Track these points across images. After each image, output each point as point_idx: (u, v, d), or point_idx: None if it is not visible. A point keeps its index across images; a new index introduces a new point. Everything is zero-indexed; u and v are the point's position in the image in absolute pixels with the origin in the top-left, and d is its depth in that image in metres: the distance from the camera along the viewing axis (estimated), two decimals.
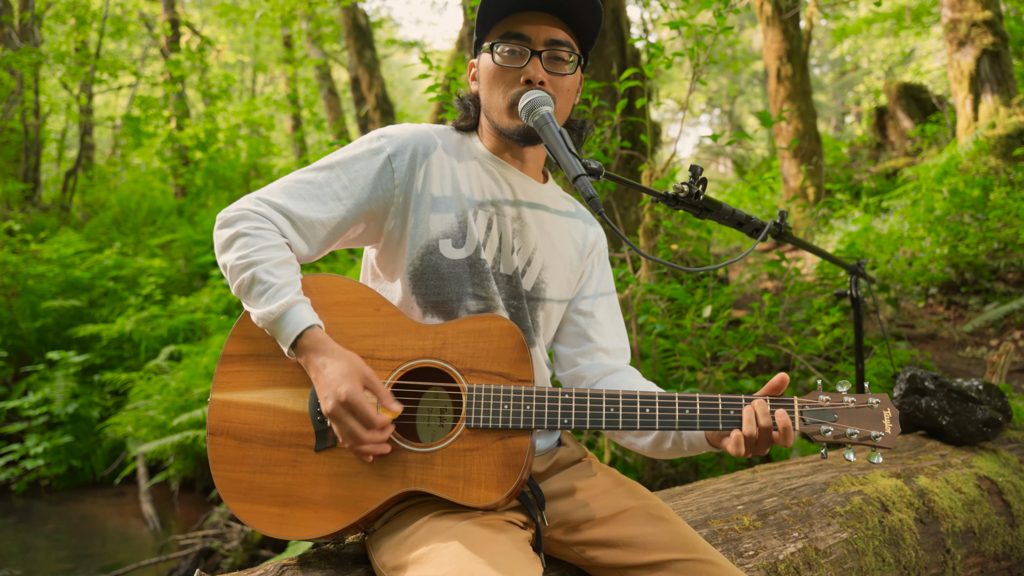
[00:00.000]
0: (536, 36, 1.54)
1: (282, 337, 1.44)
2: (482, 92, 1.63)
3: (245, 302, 1.48)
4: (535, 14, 1.54)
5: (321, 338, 1.43)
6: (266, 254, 1.47)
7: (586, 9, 1.54)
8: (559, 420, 1.41)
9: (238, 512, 1.44)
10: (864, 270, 2.79)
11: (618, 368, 1.70)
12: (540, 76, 1.53)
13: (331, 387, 1.37)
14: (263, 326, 1.45)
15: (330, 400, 1.36)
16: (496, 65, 1.56)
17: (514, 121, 1.56)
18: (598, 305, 1.76)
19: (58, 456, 6.80)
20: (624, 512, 1.49)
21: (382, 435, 1.38)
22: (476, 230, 1.57)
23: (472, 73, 1.70)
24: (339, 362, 1.40)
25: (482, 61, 1.61)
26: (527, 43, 1.54)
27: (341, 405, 1.35)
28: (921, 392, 2.80)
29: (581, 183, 1.34)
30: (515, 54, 1.54)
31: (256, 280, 1.45)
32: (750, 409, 1.38)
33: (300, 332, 1.42)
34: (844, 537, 1.99)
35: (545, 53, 1.54)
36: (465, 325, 1.49)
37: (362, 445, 1.37)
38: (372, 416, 1.36)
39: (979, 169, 7.53)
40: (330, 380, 1.37)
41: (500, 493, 1.36)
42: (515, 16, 1.55)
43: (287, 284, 1.45)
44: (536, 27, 1.54)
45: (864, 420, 1.39)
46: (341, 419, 1.36)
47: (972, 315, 6.05)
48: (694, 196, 1.62)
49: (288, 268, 1.48)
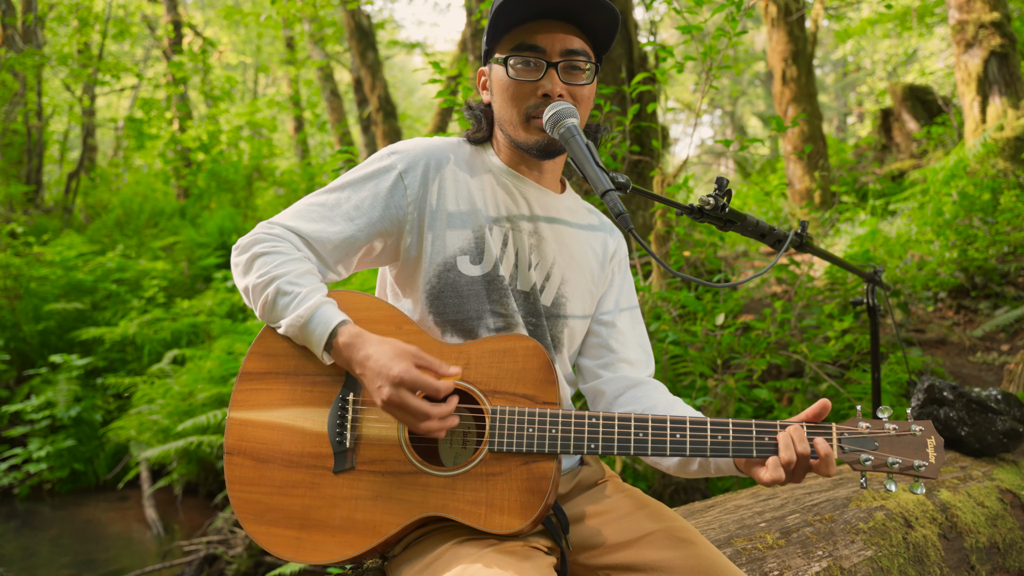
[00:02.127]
0: (551, 47, 1.48)
1: (314, 340, 1.40)
2: (496, 105, 1.57)
3: (272, 319, 1.45)
4: (549, 22, 1.48)
5: (356, 332, 1.39)
6: (287, 267, 1.44)
7: (602, 16, 1.48)
8: (585, 445, 1.36)
9: (254, 535, 1.39)
10: (880, 278, 2.75)
11: (642, 381, 1.66)
12: (558, 89, 1.49)
13: (383, 373, 1.31)
14: (292, 335, 1.42)
15: (385, 387, 1.30)
16: (510, 79, 1.50)
17: (532, 135, 1.52)
18: (620, 315, 1.72)
19: (61, 460, 6.76)
20: (649, 535, 1.44)
21: (448, 407, 1.32)
22: (493, 246, 1.53)
23: (482, 82, 1.64)
24: (383, 347, 1.35)
25: (494, 73, 1.56)
26: (542, 55, 1.48)
27: (397, 387, 1.29)
28: (940, 402, 2.75)
29: (610, 198, 1.29)
30: (530, 66, 1.49)
31: (280, 292, 1.42)
32: (787, 435, 1.33)
33: (332, 330, 1.38)
34: (868, 555, 1.95)
35: (561, 64, 1.49)
36: (489, 345, 1.44)
37: (429, 421, 1.30)
38: (436, 385, 1.30)
39: (987, 172, 7.48)
40: (379, 367, 1.32)
41: (524, 520, 1.32)
42: (528, 26, 1.49)
43: (313, 290, 1.42)
44: (551, 36, 1.48)
45: (906, 449, 1.33)
46: (401, 401, 1.29)
47: (982, 320, 6.00)
48: (720, 209, 1.58)
49: (311, 277, 1.46)
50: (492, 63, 1.57)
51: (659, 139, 3.95)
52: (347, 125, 15.77)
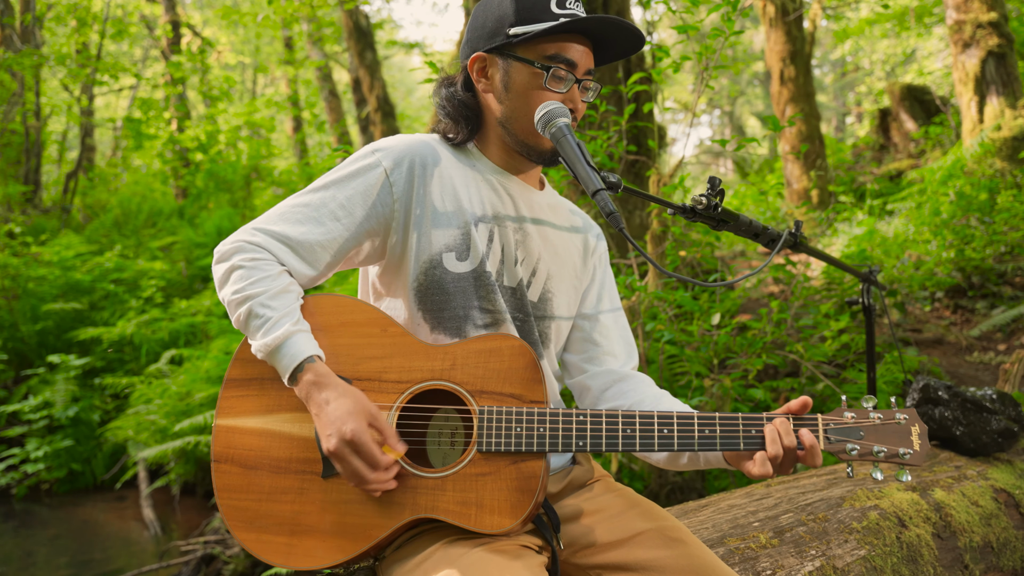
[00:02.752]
0: (581, 64, 1.51)
1: (280, 369, 1.40)
2: (510, 104, 1.53)
3: (246, 335, 1.45)
4: (580, 38, 1.52)
5: (322, 372, 1.39)
6: (262, 286, 1.42)
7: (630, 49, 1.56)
8: (574, 443, 1.36)
9: (244, 542, 1.39)
10: (876, 278, 2.75)
11: (627, 375, 1.67)
12: (580, 107, 1.54)
13: (335, 425, 1.32)
14: (262, 358, 1.41)
15: (334, 439, 1.31)
16: (540, 86, 1.50)
17: (547, 143, 1.53)
18: (603, 309, 1.73)
19: (58, 460, 6.76)
20: (640, 535, 1.44)
21: (387, 475, 1.34)
22: (479, 242, 1.53)
23: (478, 68, 1.56)
24: (344, 399, 1.35)
25: (515, 71, 1.51)
26: (573, 70, 1.51)
27: (346, 444, 1.31)
28: (935, 402, 2.75)
29: (600, 198, 1.29)
30: (561, 80, 1.50)
31: (252, 314, 1.41)
32: (772, 428, 1.34)
33: (298, 364, 1.38)
34: (862, 554, 1.95)
35: (583, 82, 1.53)
36: (475, 345, 1.44)
37: (367, 485, 1.33)
38: (378, 457, 1.32)
39: (985, 172, 7.48)
40: (334, 418, 1.33)
41: (514, 519, 1.32)
42: (565, 37, 1.50)
43: (284, 315, 1.41)
44: (583, 54, 1.52)
45: (891, 437, 1.34)
46: (345, 458, 1.32)
47: (979, 319, 6.00)
48: (712, 208, 1.58)
49: (286, 297, 1.44)
50: (512, 59, 1.52)
51: (655, 139, 3.95)
52: (345, 125, 15.77)
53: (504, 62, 1.53)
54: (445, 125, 1.62)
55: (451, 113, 1.59)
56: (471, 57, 1.57)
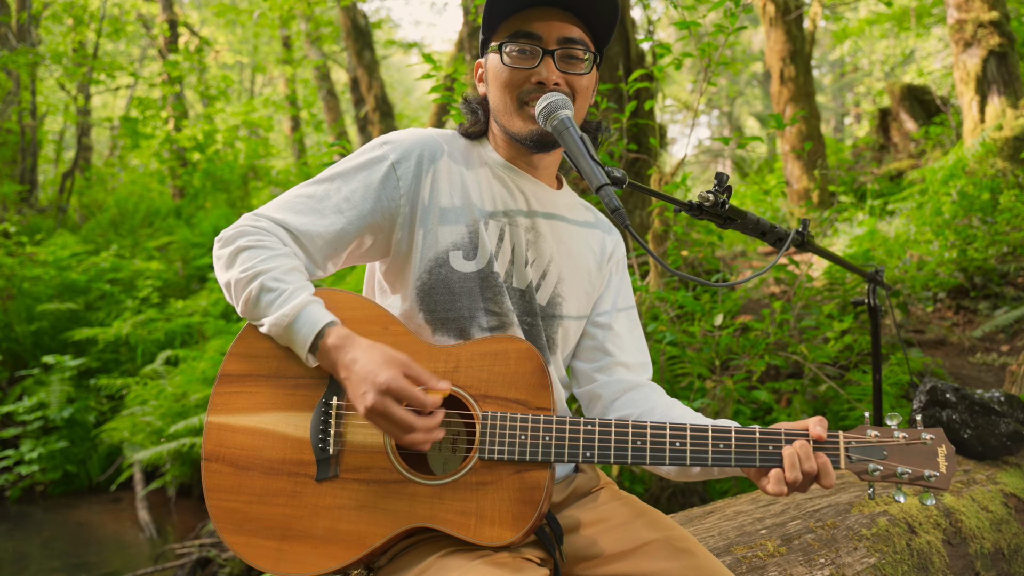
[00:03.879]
0: (548, 34, 1.43)
1: (299, 341, 1.33)
2: (491, 95, 1.52)
3: (254, 316, 1.39)
4: (547, 10, 1.44)
5: (344, 334, 1.32)
6: (272, 263, 1.37)
7: (602, 5, 1.44)
8: (580, 453, 1.30)
9: (233, 545, 1.33)
10: (882, 278, 2.70)
11: (639, 384, 1.60)
12: (554, 77, 1.44)
13: (368, 379, 1.24)
14: (276, 335, 1.35)
15: (370, 394, 1.23)
16: (505, 66, 1.45)
17: (527, 125, 1.46)
18: (617, 317, 1.66)
19: (53, 461, 6.71)
20: (646, 545, 1.38)
21: (434, 420, 1.26)
22: (488, 241, 1.47)
23: (479, 74, 1.59)
24: (372, 352, 1.28)
25: (489, 62, 1.51)
26: (538, 42, 1.43)
27: (383, 395, 1.23)
28: (942, 405, 2.70)
29: (605, 193, 1.24)
30: (526, 54, 1.44)
31: (264, 288, 1.35)
32: (792, 452, 1.27)
33: (319, 330, 1.32)
34: (872, 563, 1.89)
35: (558, 52, 1.44)
36: (480, 347, 1.38)
37: (414, 434, 1.24)
38: (421, 398, 1.24)
39: (986, 171, 7.44)
40: (366, 372, 1.25)
41: (515, 532, 1.26)
42: (525, 13, 1.44)
43: (298, 288, 1.36)
44: (548, 24, 1.43)
45: (916, 458, 1.27)
46: (386, 410, 1.23)
47: (982, 320, 5.96)
48: (720, 205, 1.53)
49: (297, 274, 1.39)
50: (488, 53, 1.52)
51: (656, 137, 3.90)
52: (343, 125, 15.73)
53: (486, 59, 1.54)
54: (467, 119, 1.61)
55: (472, 108, 1.60)
56: (475, 64, 1.60)
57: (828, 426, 1.32)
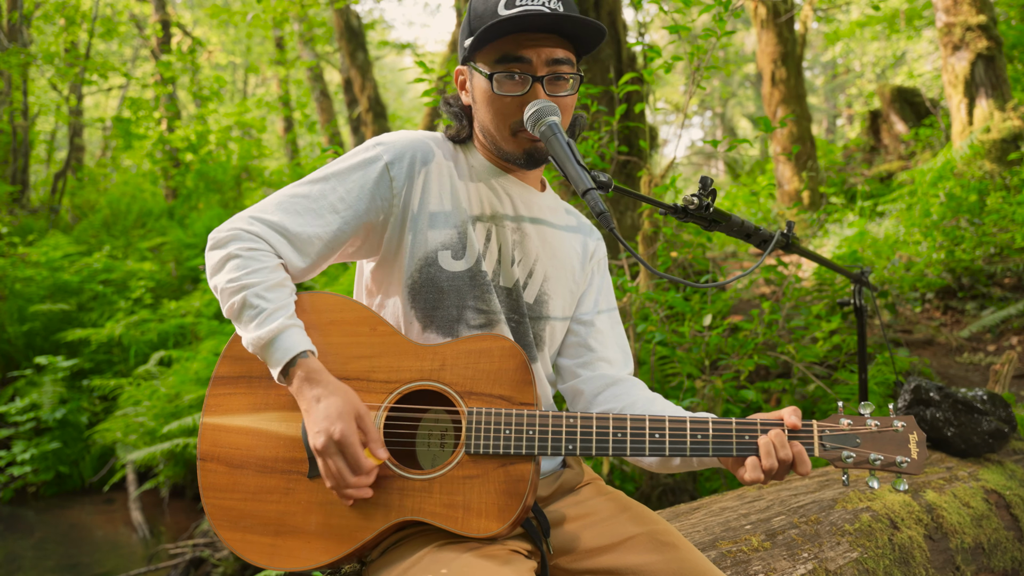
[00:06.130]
0: (537, 59, 1.45)
1: (271, 363, 1.38)
2: (479, 113, 1.54)
3: (236, 326, 1.42)
4: (535, 34, 1.46)
5: (315, 367, 1.37)
6: (258, 276, 1.40)
7: (590, 33, 1.47)
8: (563, 446, 1.34)
9: (228, 542, 1.37)
10: (868, 279, 2.75)
11: (620, 379, 1.64)
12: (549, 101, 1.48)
13: (324, 423, 1.31)
14: (253, 351, 1.39)
15: (322, 437, 1.30)
16: (495, 94, 1.46)
17: (520, 146, 1.50)
18: (599, 315, 1.71)
19: (46, 463, 6.69)
20: (631, 539, 1.42)
21: (367, 480, 1.33)
22: (476, 241, 1.51)
23: (460, 81, 1.59)
24: (334, 397, 1.34)
25: (477, 80, 1.52)
26: (528, 67, 1.45)
27: (334, 443, 1.30)
28: (926, 403, 2.75)
29: (591, 197, 1.27)
30: (515, 80, 1.45)
31: (247, 304, 1.38)
32: (768, 441, 1.31)
33: (291, 359, 1.36)
34: (854, 557, 1.94)
35: (547, 77, 1.46)
36: (465, 345, 1.42)
37: (346, 488, 1.32)
38: (361, 461, 1.31)
39: (974, 173, 7.52)
40: (323, 416, 1.32)
41: (501, 523, 1.30)
42: (513, 36, 1.45)
43: (279, 308, 1.39)
44: (537, 49, 1.44)
45: (888, 445, 1.31)
46: (330, 457, 1.31)
47: (969, 320, 6.02)
48: (704, 209, 1.56)
49: (281, 291, 1.42)
50: (474, 71, 1.52)
51: (647, 140, 3.93)
52: (337, 126, 15.72)
53: (471, 73, 1.54)
54: (452, 124, 1.63)
55: (456, 112, 1.61)
56: (456, 70, 1.60)
57: (803, 416, 1.36)
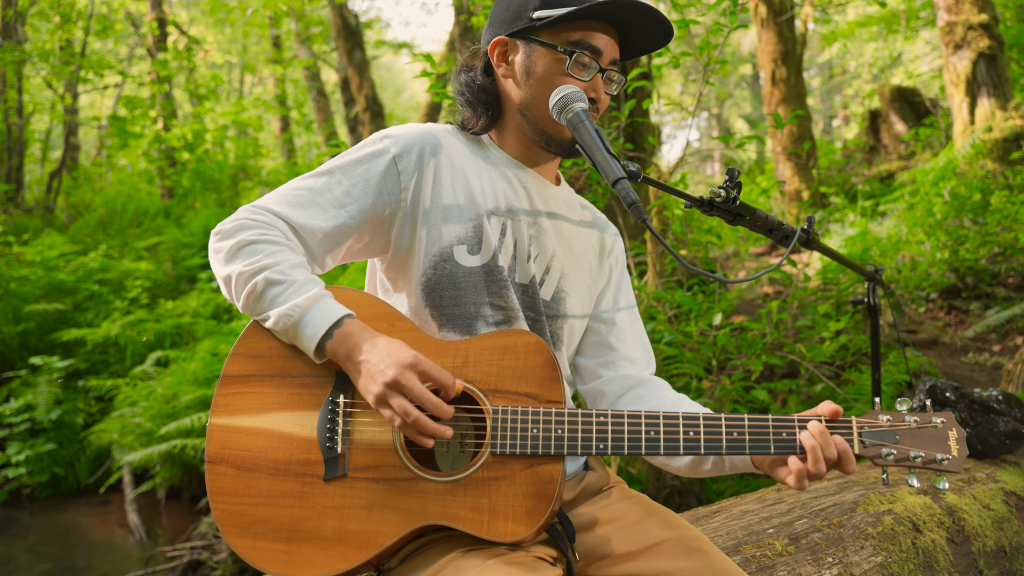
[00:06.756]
0: (606, 52, 1.45)
1: (307, 337, 1.30)
2: (530, 88, 1.47)
3: (258, 310, 1.35)
4: (607, 26, 1.46)
5: (361, 325, 1.31)
6: (279, 256, 1.34)
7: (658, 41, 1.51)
8: (594, 445, 1.28)
9: (239, 549, 1.30)
10: (881, 277, 2.70)
11: (645, 380, 1.59)
12: (603, 96, 1.47)
13: (391, 356, 1.24)
14: (281, 328, 1.32)
15: (392, 369, 1.23)
16: (563, 72, 1.44)
17: (565, 131, 1.46)
18: (619, 312, 1.65)
19: (41, 464, 6.62)
20: (659, 544, 1.37)
21: (448, 409, 1.26)
22: (491, 235, 1.45)
23: (499, 54, 1.50)
24: (391, 343, 1.28)
25: (537, 55, 1.45)
26: (598, 57, 1.44)
27: (408, 368, 1.23)
28: (942, 403, 2.71)
29: (622, 187, 1.22)
30: (585, 67, 1.44)
31: (271, 282, 1.32)
32: (815, 444, 1.25)
33: (337, 320, 1.30)
34: (878, 561, 1.88)
35: (608, 73, 1.47)
36: (488, 341, 1.36)
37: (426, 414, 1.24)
38: (443, 374, 1.25)
39: (976, 173, 7.50)
40: (388, 351, 1.26)
41: (529, 527, 1.24)
42: (591, 23, 1.44)
43: (309, 280, 1.34)
44: (608, 42, 1.46)
45: (928, 442, 1.27)
46: (406, 384, 1.22)
47: (973, 320, 5.99)
48: (731, 201, 1.51)
49: (303, 269, 1.36)
50: (534, 44, 1.46)
51: (655, 136, 3.89)
52: (334, 125, 15.66)
53: (527, 46, 1.47)
54: (464, 114, 1.56)
55: (470, 100, 1.54)
56: (492, 41, 1.51)
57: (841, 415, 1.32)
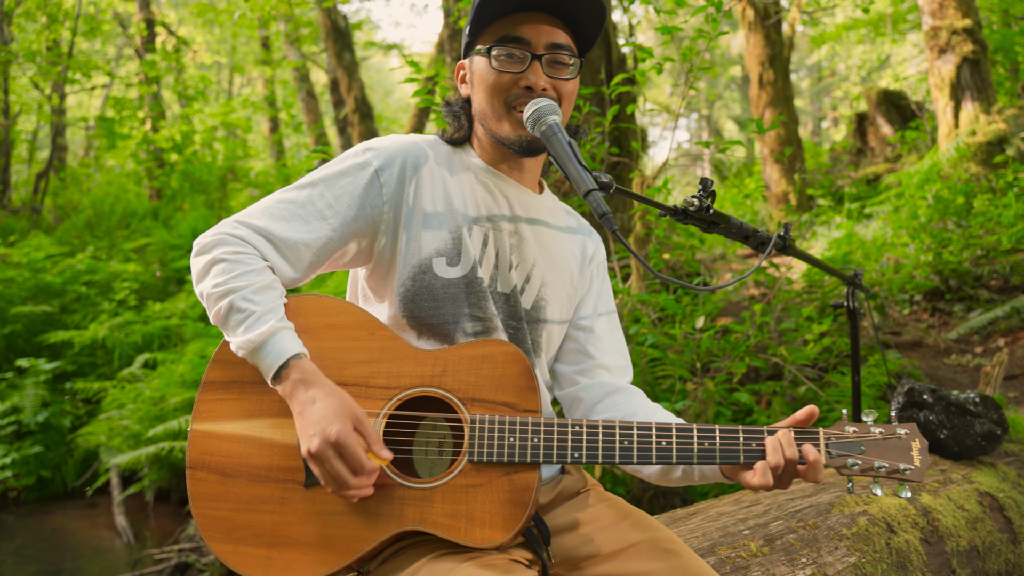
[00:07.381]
0: (536, 39, 1.45)
1: (263, 367, 1.33)
2: (476, 98, 1.53)
3: (224, 332, 1.38)
4: (535, 14, 1.45)
5: (309, 369, 1.33)
6: (245, 280, 1.36)
7: (589, 11, 1.46)
8: (569, 454, 1.31)
9: (220, 554, 1.33)
10: (861, 281, 2.74)
11: (621, 388, 1.62)
12: (542, 82, 1.45)
13: (320, 424, 1.26)
14: (243, 356, 1.35)
15: (317, 439, 1.25)
16: (493, 70, 1.46)
17: (516, 130, 1.47)
18: (598, 320, 1.68)
19: (27, 467, 6.58)
20: (633, 546, 1.40)
21: (369, 480, 1.28)
22: (471, 247, 1.48)
23: (461, 76, 1.59)
24: (330, 399, 1.29)
25: (476, 65, 1.51)
26: (527, 47, 1.45)
27: (330, 445, 1.25)
28: (919, 406, 2.75)
29: (593, 198, 1.25)
30: (514, 58, 1.45)
31: (234, 308, 1.34)
32: (775, 440, 1.31)
33: (284, 362, 1.32)
34: (852, 561, 1.92)
35: (546, 57, 1.45)
36: (467, 350, 1.39)
37: (347, 490, 1.27)
38: (363, 462, 1.26)
39: (960, 176, 7.58)
40: (319, 417, 1.27)
41: (506, 533, 1.27)
42: (512, 17, 1.45)
43: (268, 311, 1.35)
44: (536, 29, 1.45)
45: (892, 452, 1.32)
46: (327, 460, 1.26)
47: (956, 322, 6.06)
48: (704, 210, 1.54)
49: (270, 293, 1.38)
50: (473, 55, 1.52)
51: (638, 141, 3.92)
52: (323, 126, 15.63)
53: (470, 62, 1.54)
54: (449, 125, 1.61)
55: (455, 112, 1.59)
56: (456, 66, 1.59)
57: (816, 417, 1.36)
